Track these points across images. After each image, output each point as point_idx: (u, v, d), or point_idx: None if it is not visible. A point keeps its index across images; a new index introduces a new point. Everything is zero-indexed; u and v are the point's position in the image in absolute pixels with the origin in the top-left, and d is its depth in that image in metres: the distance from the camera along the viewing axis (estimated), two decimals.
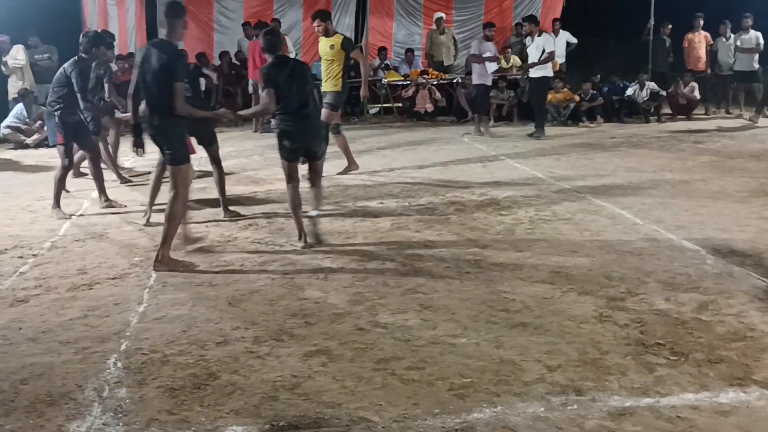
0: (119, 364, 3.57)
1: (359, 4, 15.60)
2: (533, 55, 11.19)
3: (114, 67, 12.32)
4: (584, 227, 5.97)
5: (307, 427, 2.97)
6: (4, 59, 11.59)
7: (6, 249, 5.61)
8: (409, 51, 15.15)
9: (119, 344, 3.80)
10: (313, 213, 5.70)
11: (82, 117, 6.81)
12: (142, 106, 5.09)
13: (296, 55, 14.69)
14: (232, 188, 7.49)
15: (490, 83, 11.78)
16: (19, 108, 11.24)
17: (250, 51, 12.79)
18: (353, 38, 15.75)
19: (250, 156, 9.81)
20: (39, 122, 11.09)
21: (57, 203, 6.64)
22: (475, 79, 11.60)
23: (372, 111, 14.56)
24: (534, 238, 5.69)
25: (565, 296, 4.40)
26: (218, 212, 6.51)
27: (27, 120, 11.21)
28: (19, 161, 9.87)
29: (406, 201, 7.02)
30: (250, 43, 12.89)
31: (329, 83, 7.96)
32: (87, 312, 4.27)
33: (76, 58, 6.61)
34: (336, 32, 8.14)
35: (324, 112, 7.57)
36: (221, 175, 6.47)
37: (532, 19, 11.83)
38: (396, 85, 14.23)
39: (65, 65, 6.64)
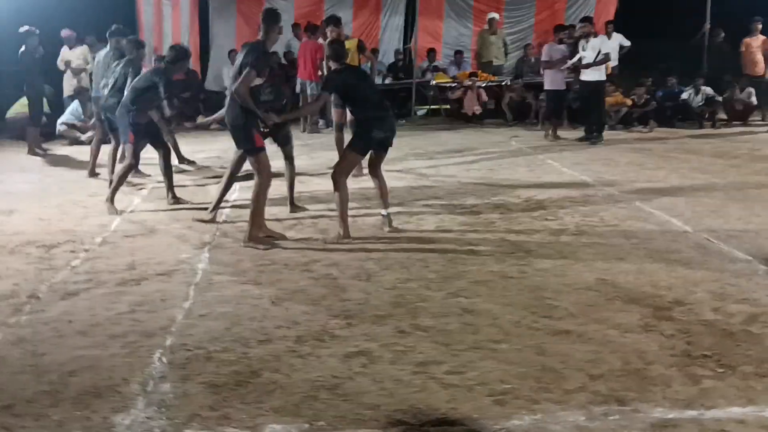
0: (164, 359, 3.64)
1: (409, 5, 15.62)
2: (588, 57, 11.04)
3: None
4: (632, 234, 5.87)
5: (346, 427, 2.99)
6: (65, 59, 11.86)
7: (59, 243, 5.76)
8: (459, 52, 15.10)
9: (165, 339, 3.87)
10: (385, 212, 6.04)
11: (153, 119, 7.07)
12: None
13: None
14: (279, 188, 7.57)
15: (563, 88, 11.64)
16: (75, 105, 11.54)
17: (301, 51, 12.88)
18: (402, 39, 15.84)
19: (298, 156, 9.86)
20: (93, 119, 11.36)
21: (112, 197, 6.80)
22: (547, 84, 11.53)
23: (420, 113, 14.55)
24: (580, 244, 5.62)
25: (610, 304, 4.34)
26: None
27: (82, 117, 11.51)
28: (74, 157, 10.12)
29: (451, 204, 7.00)
30: (301, 44, 12.99)
31: None
32: (135, 307, 4.37)
33: (162, 67, 6.79)
34: (348, 36, 8.49)
35: (337, 110, 7.84)
36: (292, 173, 6.71)
37: (589, 20, 11.67)
38: (444, 87, 14.19)
39: (148, 72, 6.81)
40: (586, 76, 11.14)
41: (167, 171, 7.18)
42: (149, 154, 7.41)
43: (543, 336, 3.88)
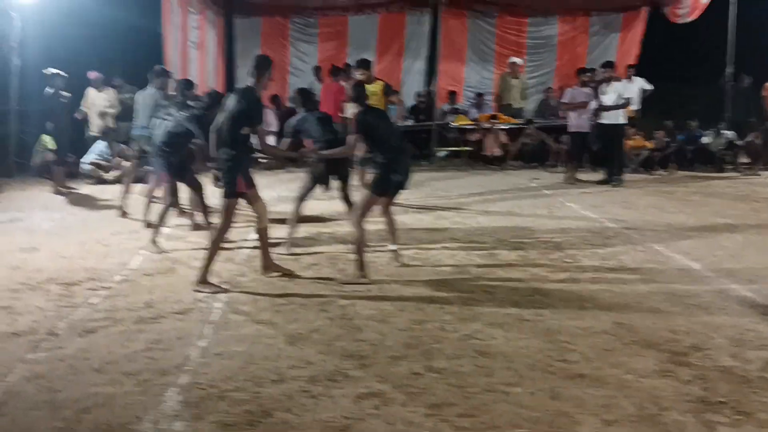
0: (177, 398, 3.65)
1: (431, 49, 15.84)
2: (609, 101, 11.09)
3: None
4: (651, 278, 5.83)
5: None
6: (92, 100, 12.14)
7: (79, 281, 5.83)
8: (480, 95, 15.24)
9: (179, 378, 3.89)
10: (394, 247, 6.30)
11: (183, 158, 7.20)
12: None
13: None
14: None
15: (586, 130, 11.68)
16: (102, 145, 11.76)
17: (324, 93, 13.06)
18: (425, 82, 16.03)
19: (318, 197, 9.95)
20: (119, 159, 11.59)
21: (155, 238, 6.90)
22: (572, 127, 11.60)
23: (440, 154, 14.64)
24: (598, 288, 5.58)
25: (626, 348, 4.30)
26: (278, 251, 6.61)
27: (109, 156, 11.72)
28: (98, 196, 10.28)
29: (469, 245, 7.01)
30: (324, 86, 13.19)
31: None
32: (151, 345, 4.40)
33: (194, 113, 6.94)
34: (377, 79, 8.64)
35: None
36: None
37: (610, 65, 11.76)
38: (465, 129, 14.29)
39: (181, 116, 6.99)
40: (607, 119, 11.18)
41: (204, 208, 7.32)
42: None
43: (557, 380, 3.85)
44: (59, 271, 6.14)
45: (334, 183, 6.89)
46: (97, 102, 12.24)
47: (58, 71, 10.38)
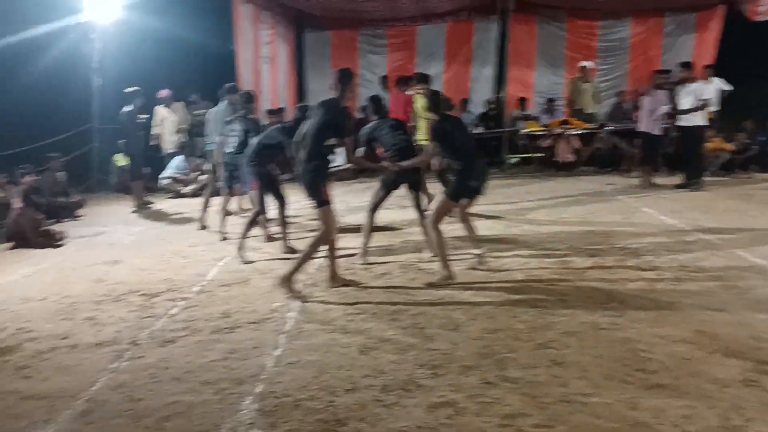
0: (254, 406, 3.72)
1: (500, 56, 15.73)
2: (687, 103, 10.78)
3: (265, 121, 13.12)
4: (732, 284, 5.62)
5: None
6: (162, 117, 12.53)
7: (159, 292, 6.02)
8: (550, 101, 15.03)
9: (254, 387, 3.97)
10: (478, 251, 6.37)
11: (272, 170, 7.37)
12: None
13: None
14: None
15: (657, 133, 11.40)
16: (178, 160, 12.13)
17: (392, 104, 13.12)
18: (494, 89, 15.92)
19: (389, 207, 10.00)
20: (195, 173, 11.93)
21: (242, 247, 7.05)
22: (641, 126, 11.35)
23: (511, 161, 14.51)
24: (676, 295, 5.41)
25: (708, 357, 4.16)
26: (347, 261, 6.66)
27: (186, 171, 12.08)
28: (175, 210, 10.59)
29: (542, 252, 6.90)
30: (392, 96, 13.26)
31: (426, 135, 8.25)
32: (227, 354, 4.50)
33: (285, 125, 7.13)
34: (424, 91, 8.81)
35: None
36: (423, 218, 6.80)
37: (687, 66, 11.43)
38: (536, 136, 14.11)
39: (275, 130, 7.18)
40: (686, 121, 10.85)
41: (283, 220, 7.46)
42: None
43: (635, 390, 3.75)
44: (140, 283, 6.35)
45: (406, 191, 6.92)
46: (169, 119, 12.62)
47: (137, 89, 10.75)
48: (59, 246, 8.28)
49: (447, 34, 16.18)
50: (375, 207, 6.88)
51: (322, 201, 5.65)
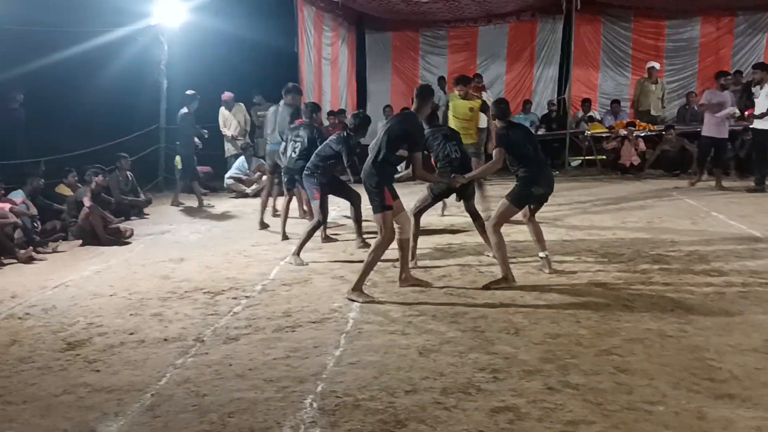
0: (315, 405, 3.76)
1: (563, 56, 15.52)
2: (762, 104, 10.45)
3: (326, 122, 13.25)
4: None
5: None
6: (225, 119, 12.80)
7: (223, 290, 6.14)
8: (615, 102, 14.74)
9: (316, 386, 4.01)
10: (543, 254, 6.33)
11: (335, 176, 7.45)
12: None
13: None
14: (427, 240, 7.69)
15: (722, 136, 11.09)
16: (241, 160, 12.35)
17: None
18: (557, 90, 15.72)
19: (448, 208, 9.98)
20: (258, 173, 12.11)
21: (299, 251, 7.09)
22: (704, 131, 11.08)
23: (574, 164, 14.29)
24: (746, 302, 5.25)
25: None
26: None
27: (248, 171, 12.28)
28: (239, 209, 10.78)
29: (606, 257, 6.78)
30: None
31: (468, 137, 8.22)
32: (289, 353, 4.55)
33: (344, 134, 7.19)
34: (476, 96, 8.83)
35: (473, 160, 7.83)
36: (481, 223, 6.84)
37: (762, 67, 11.08)
38: (600, 137, 13.86)
39: (333, 141, 7.23)
40: (759, 124, 10.51)
41: (358, 218, 7.55)
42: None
43: (703, 399, 3.65)
44: (205, 280, 6.49)
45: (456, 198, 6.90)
46: (232, 121, 12.86)
47: (194, 92, 11.02)
48: (127, 243, 8.51)
49: (509, 34, 16.06)
50: (420, 212, 6.83)
51: (384, 206, 5.69)
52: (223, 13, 13.18)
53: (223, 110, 12.85)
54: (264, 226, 8.98)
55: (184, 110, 10.96)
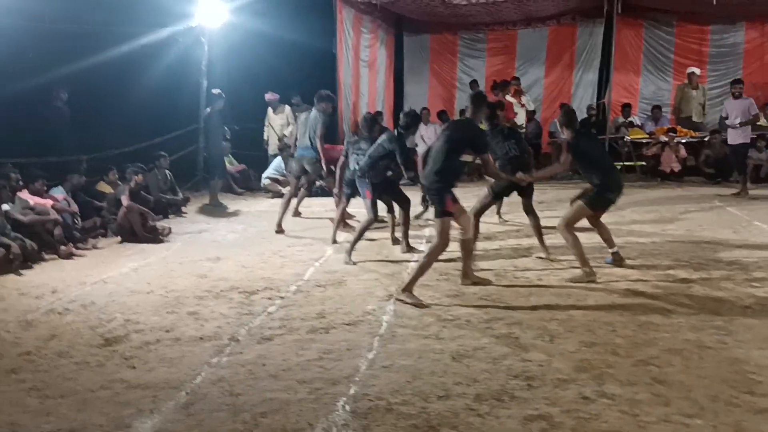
0: (347, 408, 3.75)
1: (603, 61, 15.34)
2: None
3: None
4: None
5: None
6: (270, 120, 12.91)
7: (258, 290, 6.18)
8: (656, 107, 14.54)
9: (348, 388, 4.00)
10: (613, 249, 6.64)
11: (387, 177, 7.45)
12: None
13: (535, 111, 14.76)
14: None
15: (743, 141, 10.98)
16: (278, 161, 12.43)
17: None
18: (596, 95, 15.55)
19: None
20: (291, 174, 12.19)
21: (351, 251, 7.17)
22: (729, 139, 10.96)
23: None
24: None
25: None
26: (446, 266, 6.63)
27: (284, 172, 12.36)
28: (276, 210, 10.81)
29: (644, 265, 6.68)
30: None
31: None
32: (322, 354, 4.56)
33: (395, 133, 7.23)
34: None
35: None
36: (536, 221, 7.01)
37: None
38: (640, 143, 13.67)
39: (384, 141, 7.25)
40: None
41: (406, 222, 7.58)
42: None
43: (743, 413, 3.56)
44: (241, 280, 6.54)
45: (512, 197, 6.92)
46: (275, 121, 12.94)
47: (219, 91, 11.21)
48: (165, 241, 8.62)
49: (549, 38, 15.95)
50: (480, 212, 6.87)
51: (444, 212, 5.72)
52: (263, 14, 13.29)
53: (270, 111, 12.98)
54: (281, 229, 8.97)
55: (209, 109, 11.18)
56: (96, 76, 11.51)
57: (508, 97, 12.75)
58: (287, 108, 12.89)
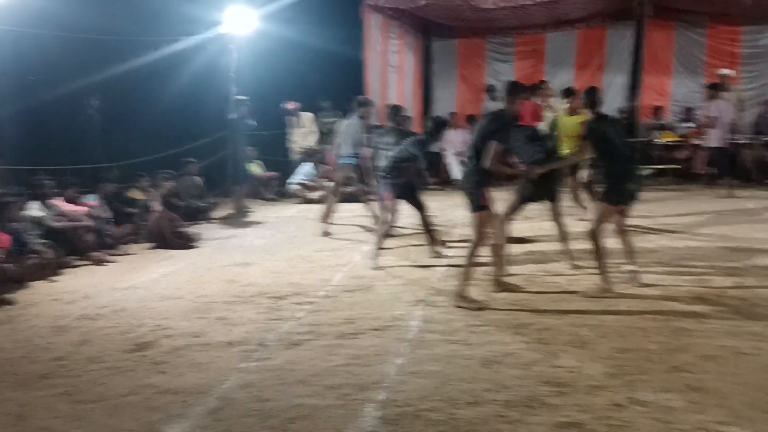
0: (375, 414, 3.73)
1: (635, 63, 15.16)
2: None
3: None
4: None
5: None
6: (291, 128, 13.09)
7: (287, 295, 6.18)
8: (688, 110, 14.32)
9: (377, 394, 3.98)
10: (632, 267, 6.18)
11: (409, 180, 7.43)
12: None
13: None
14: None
15: (718, 145, 11.40)
16: (308, 166, 12.47)
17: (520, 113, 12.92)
18: (628, 98, 15.35)
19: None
20: (324, 179, 12.21)
21: (376, 255, 7.18)
22: (712, 142, 11.46)
23: (645, 172, 13.89)
24: None
25: None
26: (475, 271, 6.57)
27: (314, 177, 12.40)
28: (304, 215, 10.87)
29: (677, 269, 6.57)
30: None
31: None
32: (351, 360, 4.55)
33: (418, 139, 7.27)
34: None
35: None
36: (562, 230, 6.84)
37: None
38: (672, 146, 13.47)
39: (409, 144, 7.26)
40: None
41: (426, 225, 7.54)
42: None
43: None
44: (269, 285, 6.55)
45: (544, 203, 6.79)
46: (298, 128, 13.11)
47: (243, 98, 11.35)
48: (195, 247, 8.68)
49: (578, 41, 15.77)
50: (509, 217, 6.78)
51: (480, 206, 5.66)
52: (290, 22, 13.35)
53: (291, 119, 13.11)
54: (327, 233, 9.00)
55: (233, 116, 11.31)
56: (126, 84, 11.68)
57: (539, 100, 12.65)
58: (310, 115, 13.00)
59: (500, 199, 6.26)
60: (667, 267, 6.70)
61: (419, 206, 7.55)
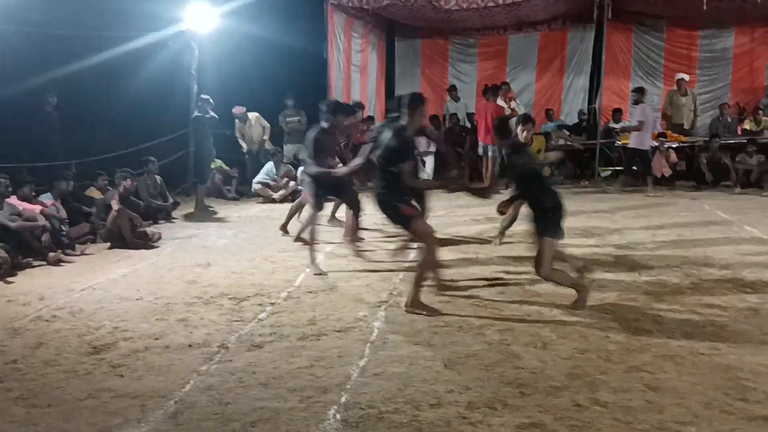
0: (338, 416, 3.71)
1: (594, 65, 15.37)
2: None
3: None
4: None
5: None
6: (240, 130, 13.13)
7: (249, 296, 6.12)
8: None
9: (340, 396, 3.96)
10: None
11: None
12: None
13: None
14: (454, 249, 7.62)
15: (642, 148, 11.96)
16: (269, 166, 12.39)
17: (480, 113, 13.02)
18: (587, 100, 15.56)
19: (476, 217, 9.89)
20: (285, 179, 12.14)
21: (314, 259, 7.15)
22: (633, 144, 12.08)
23: (603, 174, 14.11)
24: None
25: None
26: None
27: (276, 177, 12.31)
28: (265, 215, 10.79)
29: (636, 271, 6.66)
30: (479, 106, 13.15)
31: None
32: (313, 362, 4.52)
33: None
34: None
35: None
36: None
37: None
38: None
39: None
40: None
41: (355, 222, 7.57)
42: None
43: (737, 421, 3.54)
44: (230, 286, 6.48)
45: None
46: (247, 131, 13.30)
47: (207, 97, 11.39)
48: (154, 247, 8.55)
49: (540, 42, 15.96)
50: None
51: (404, 218, 5.52)
52: (254, 19, 13.27)
53: (237, 124, 13.13)
54: (286, 232, 8.93)
55: (196, 113, 11.30)
56: (85, 81, 11.46)
57: (500, 101, 12.76)
58: (256, 115, 13.09)
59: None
60: (626, 268, 6.79)
61: (353, 206, 7.49)
